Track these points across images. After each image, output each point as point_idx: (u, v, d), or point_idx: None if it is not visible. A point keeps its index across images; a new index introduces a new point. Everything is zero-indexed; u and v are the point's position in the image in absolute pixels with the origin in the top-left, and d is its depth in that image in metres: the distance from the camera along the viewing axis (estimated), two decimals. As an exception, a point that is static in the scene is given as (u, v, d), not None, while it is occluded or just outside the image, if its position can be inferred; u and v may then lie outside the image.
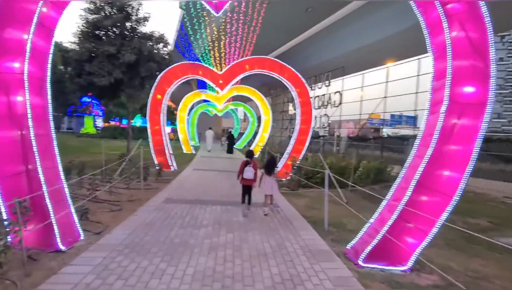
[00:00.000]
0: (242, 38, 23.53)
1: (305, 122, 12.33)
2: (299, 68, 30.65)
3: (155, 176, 9.97)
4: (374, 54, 25.99)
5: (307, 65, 31.96)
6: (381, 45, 23.99)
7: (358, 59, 26.96)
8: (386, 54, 25.21)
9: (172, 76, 12.11)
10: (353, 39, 24.71)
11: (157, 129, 12.14)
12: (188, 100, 21.01)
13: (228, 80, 12.37)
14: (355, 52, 26.36)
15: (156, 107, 12.06)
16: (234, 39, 23.65)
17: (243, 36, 23.08)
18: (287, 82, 12.37)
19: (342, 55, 27.45)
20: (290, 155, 12.22)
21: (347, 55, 26.96)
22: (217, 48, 23.01)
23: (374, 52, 25.49)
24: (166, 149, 12.13)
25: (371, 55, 26.02)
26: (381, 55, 25.37)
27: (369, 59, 26.46)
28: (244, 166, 6.35)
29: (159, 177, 10.04)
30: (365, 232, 4.57)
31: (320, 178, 10.50)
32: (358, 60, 27.13)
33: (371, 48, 25.37)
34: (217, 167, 14.23)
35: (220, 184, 9.69)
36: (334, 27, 24.39)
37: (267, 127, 21.51)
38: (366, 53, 26.24)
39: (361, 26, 22.38)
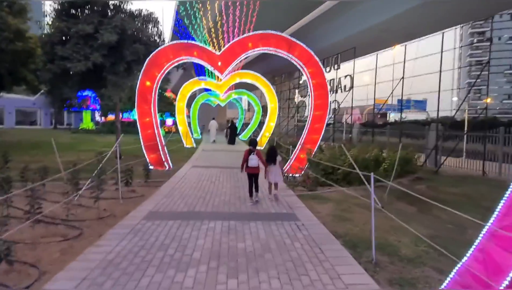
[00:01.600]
0: (241, 20, 21.60)
1: (320, 108, 10.50)
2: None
3: (143, 178, 8.28)
4: (384, 34, 24.54)
5: (314, 48, 29.83)
6: (391, 24, 22.57)
7: (369, 40, 25.02)
8: (398, 34, 23.74)
9: (163, 58, 10.31)
10: (363, 18, 23.05)
11: (147, 121, 10.41)
12: (187, 89, 19.21)
13: (228, 62, 10.53)
14: (366, 33, 24.46)
15: (145, 96, 10.30)
16: (233, 21, 21.80)
17: (241, 17, 21.17)
18: (297, 61, 10.50)
19: (351, 36, 25.37)
20: (303, 146, 10.46)
21: (357, 36, 24.96)
22: (214, 32, 21.07)
23: (384, 31, 24.05)
24: (159, 144, 10.42)
25: (382, 35, 24.50)
26: (392, 35, 23.92)
27: (380, 39, 24.81)
28: (248, 155, 6.40)
29: (149, 179, 8.33)
30: (458, 272, 2.79)
31: (342, 174, 8.74)
32: (369, 41, 25.17)
33: (381, 28, 23.92)
34: (219, 162, 12.51)
35: (222, 186, 7.97)
36: (341, 6, 22.63)
37: (274, 116, 19.70)
38: (378, 32, 24.62)
39: (370, 5, 20.99)
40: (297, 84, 35.96)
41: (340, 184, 8.81)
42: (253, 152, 6.43)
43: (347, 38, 24.26)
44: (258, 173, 6.44)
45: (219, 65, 10.58)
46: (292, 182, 8.86)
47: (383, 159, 10.16)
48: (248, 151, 6.47)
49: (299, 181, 9.01)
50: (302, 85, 34.25)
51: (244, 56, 10.76)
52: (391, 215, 4.97)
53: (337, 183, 8.78)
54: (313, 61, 10.45)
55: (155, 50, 10.38)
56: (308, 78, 10.58)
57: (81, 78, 10.51)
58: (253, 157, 6.37)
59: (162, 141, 10.81)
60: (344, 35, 24.70)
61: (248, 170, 6.45)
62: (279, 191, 6.83)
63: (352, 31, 23.70)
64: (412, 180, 11.10)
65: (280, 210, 5.91)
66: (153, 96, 10.39)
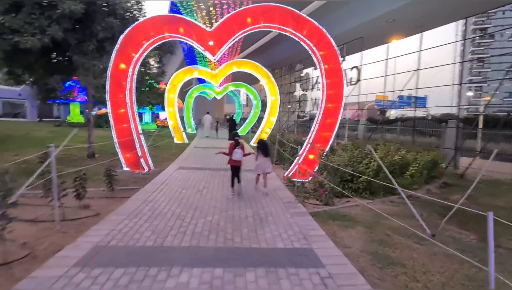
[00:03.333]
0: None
1: (333, 99, 8.61)
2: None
3: (112, 185, 6.35)
4: (391, 26, 23.07)
5: None
6: (398, 15, 21.13)
7: (374, 31, 23.29)
8: (405, 25, 22.30)
9: (141, 35, 8.36)
10: (368, 9, 21.46)
11: (122, 113, 8.48)
12: (178, 79, 17.21)
13: (221, 41, 8.60)
14: (371, 24, 22.72)
15: (119, 82, 8.36)
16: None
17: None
18: (306, 41, 8.58)
19: (355, 28, 23.45)
20: (312, 146, 8.60)
21: (361, 27, 23.14)
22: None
23: (391, 23, 22.61)
24: (136, 141, 8.50)
25: (388, 27, 23.01)
26: (399, 26, 22.52)
27: (386, 31, 23.23)
28: (234, 148, 6.52)
29: (114, 187, 6.41)
30: None
31: (363, 182, 6.88)
32: (375, 32, 23.43)
33: (388, 18, 22.39)
34: (211, 162, 10.62)
35: (211, 197, 6.09)
36: None
37: (275, 110, 17.78)
38: (383, 24, 23.04)
39: None
40: (298, 77, 34.10)
41: (361, 194, 6.98)
42: (238, 145, 6.58)
43: (351, 30, 22.27)
44: (240, 166, 6.68)
45: (211, 45, 8.65)
46: (300, 191, 7.00)
47: (409, 163, 8.31)
48: (234, 145, 6.59)
49: (310, 190, 7.16)
50: (304, 78, 32.43)
51: (242, 34, 8.81)
52: (454, 252, 3.14)
53: (356, 193, 6.97)
54: (326, 41, 8.53)
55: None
56: (319, 62, 8.68)
57: (43, 60, 8.56)
58: (237, 151, 6.53)
59: (140, 137, 8.89)
60: (347, 26, 22.71)
61: (232, 163, 6.60)
62: (268, 180, 7.09)
63: (357, 22, 21.82)
64: (440, 187, 9.28)
65: (290, 242, 4.04)
66: (129, 81, 8.45)
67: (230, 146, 6.64)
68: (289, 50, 33.05)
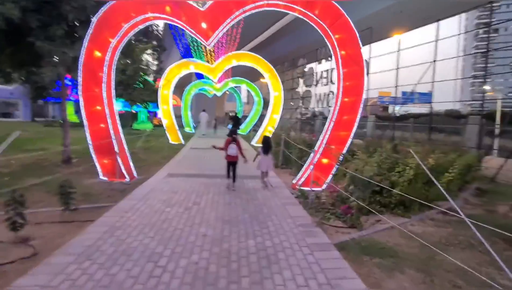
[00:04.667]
0: None
1: (351, 92, 7.14)
2: (312, 37, 25.16)
3: (78, 202, 4.90)
4: (399, 17, 21.96)
5: (318, 35, 26.73)
6: (406, 5, 20.06)
7: (381, 23, 21.95)
8: (413, 17, 21.22)
9: (120, 17, 6.90)
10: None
11: (98, 111, 7.04)
12: (173, 73, 15.73)
13: (216, 23, 7.14)
14: (378, 16, 21.42)
15: (94, 73, 6.91)
16: None
17: None
18: (319, 21, 7.11)
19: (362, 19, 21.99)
20: (325, 148, 7.16)
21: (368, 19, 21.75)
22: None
23: (399, 14, 21.53)
24: (115, 145, 7.06)
25: (396, 18, 21.90)
26: (407, 18, 21.51)
27: (394, 23, 22.02)
28: (229, 143, 6.68)
29: (85, 202, 4.97)
30: None
31: (395, 196, 5.42)
32: (382, 24, 22.08)
33: (395, 10, 21.27)
34: (208, 167, 9.17)
35: (201, 219, 4.63)
36: None
37: (278, 106, 16.29)
38: (391, 15, 21.83)
39: None
40: (301, 73, 32.57)
41: (393, 210, 5.54)
42: (234, 141, 6.70)
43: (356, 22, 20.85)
44: (236, 161, 6.78)
45: (204, 28, 7.18)
46: (316, 206, 5.55)
47: (445, 168, 6.85)
48: (230, 140, 6.73)
49: (327, 204, 5.71)
50: (307, 73, 30.90)
51: (241, 15, 7.34)
52: None
53: (386, 207, 5.53)
54: (342, 21, 7.05)
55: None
56: (334, 47, 7.20)
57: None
58: (232, 146, 6.66)
59: (121, 139, 7.45)
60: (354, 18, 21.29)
61: (228, 158, 6.76)
62: (269, 178, 7.26)
63: (363, 13, 20.36)
64: (477, 195, 7.80)
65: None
66: (105, 72, 6.99)
67: (226, 141, 6.77)
68: (291, 44, 31.57)
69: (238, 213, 5.02)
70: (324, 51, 25.16)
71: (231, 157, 6.71)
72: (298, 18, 23.64)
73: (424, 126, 19.14)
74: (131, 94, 18.05)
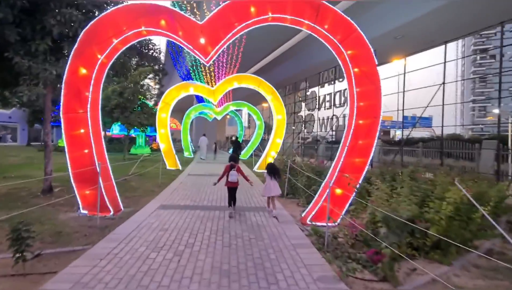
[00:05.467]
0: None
1: (367, 113, 6.35)
2: (314, 61, 24.80)
3: (14, 256, 3.92)
4: (400, 42, 21.95)
5: (321, 58, 26.63)
6: (408, 30, 20.04)
7: (382, 48, 21.78)
8: (415, 41, 21.18)
9: (109, 30, 6.23)
10: (375, 25, 20.28)
11: (81, 135, 6.21)
12: (171, 96, 15.08)
13: (216, 38, 6.46)
14: (378, 41, 21.24)
15: (79, 92, 6.14)
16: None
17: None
18: (329, 36, 6.43)
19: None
20: (339, 176, 6.28)
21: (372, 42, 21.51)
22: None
23: (400, 38, 21.54)
24: (98, 173, 6.16)
25: (397, 43, 21.89)
26: (408, 42, 21.54)
27: (394, 47, 21.96)
28: (229, 170, 6.57)
29: (53, 246, 4.00)
30: None
31: (430, 237, 4.46)
32: (383, 49, 21.91)
33: (396, 34, 21.25)
34: (205, 196, 8.22)
35: (192, 272, 3.63)
36: (356, 8, 19.79)
37: (281, 130, 15.51)
38: (392, 40, 21.81)
39: (386, 8, 18.59)
40: (303, 96, 32.14)
41: (428, 254, 4.57)
42: (234, 167, 6.61)
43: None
44: (236, 187, 6.69)
45: (202, 43, 6.49)
46: (332, 248, 4.59)
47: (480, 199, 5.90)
48: (229, 166, 6.61)
49: (344, 245, 4.75)
50: (309, 97, 30.46)
51: (243, 30, 6.68)
52: None
53: (419, 250, 4.56)
54: (356, 36, 6.37)
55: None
56: (346, 64, 6.47)
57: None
58: (233, 172, 6.56)
59: (107, 166, 6.57)
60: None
61: (229, 185, 6.64)
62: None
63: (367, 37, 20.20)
64: None
65: None
66: (91, 92, 6.22)
67: (225, 168, 6.66)
68: (293, 69, 31.36)
69: (239, 260, 4.05)
70: (327, 75, 24.79)
71: (232, 183, 6.58)
72: (299, 42, 23.35)
73: (431, 151, 18.35)
74: (128, 117, 17.35)
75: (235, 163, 6.69)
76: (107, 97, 17.88)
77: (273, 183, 6.79)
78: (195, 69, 25.01)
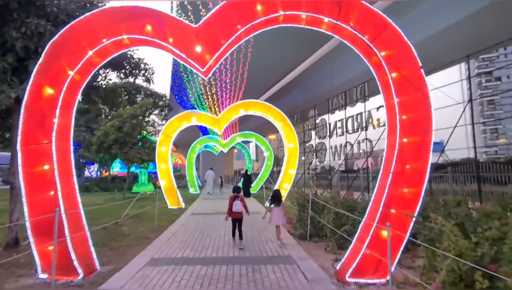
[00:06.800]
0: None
1: (415, 128, 4.84)
2: (319, 89, 23.47)
3: None
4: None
5: (330, 85, 25.66)
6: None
7: None
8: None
9: (83, 39, 5.00)
10: None
11: (44, 172, 4.77)
12: (172, 127, 13.82)
13: (214, 43, 5.18)
14: None
15: (42, 118, 4.81)
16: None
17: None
18: (356, 34, 5.10)
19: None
20: (384, 212, 4.69)
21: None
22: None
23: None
24: (65, 223, 4.64)
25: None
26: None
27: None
28: (233, 200, 6.63)
29: None
30: None
31: None
32: None
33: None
34: (211, 244, 6.56)
35: None
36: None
37: (294, 160, 13.99)
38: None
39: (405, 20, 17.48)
40: (313, 125, 30.90)
41: None
42: (238, 198, 6.67)
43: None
44: (241, 218, 6.71)
45: (198, 51, 5.20)
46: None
47: None
48: (233, 197, 6.68)
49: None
50: (319, 125, 29.16)
51: (248, 36, 5.42)
52: None
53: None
54: (391, 32, 5.03)
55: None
56: (382, 68, 5.06)
57: None
58: (237, 202, 6.61)
59: (79, 214, 5.06)
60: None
61: (233, 215, 6.66)
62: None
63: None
64: None
65: None
66: (58, 116, 4.87)
67: (230, 199, 6.69)
68: (301, 97, 30.39)
69: None
70: (336, 101, 23.62)
71: (236, 213, 6.64)
72: (306, 70, 21.93)
73: (463, 176, 16.60)
74: (127, 153, 16.05)
75: (238, 193, 6.75)
76: (106, 133, 16.76)
77: (280, 211, 6.76)
78: (197, 98, 24.24)
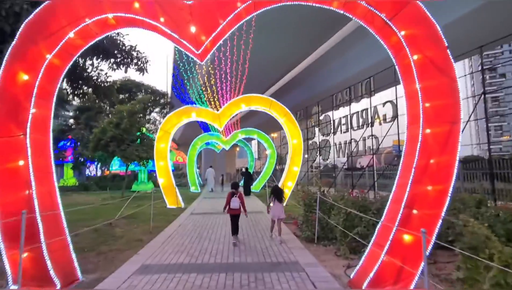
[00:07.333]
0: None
1: (439, 116, 4.21)
2: (322, 85, 22.74)
3: None
4: None
5: (333, 81, 24.99)
6: None
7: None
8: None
9: (62, 18, 4.42)
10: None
11: (17, 168, 4.19)
12: (170, 123, 13.22)
13: (212, 23, 4.58)
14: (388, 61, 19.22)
15: (16, 107, 4.24)
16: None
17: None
18: (373, 11, 4.48)
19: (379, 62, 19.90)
20: (406, 214, 4.08)
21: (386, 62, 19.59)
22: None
23: None
24: (40, 228, 4.07)
25: None
26: None
27: None
28: (231, 197, 6.65)
29: None
30: None
31: None
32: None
33: None
34: (209, 247, 5.98)
35: None
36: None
37: (298, 157, 13.37)
38: None
39: None
40: (317, 121, 30.24)
41: None
42: (235, 194, 6.68)
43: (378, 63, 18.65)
44: (239, 214, 6.73)
45: (193, 32, 4.59)
46: None
47: None
48: (231, 193, 6.69)
49: None
50: (323, 122, 28.50)
51: (250, 15, 4.81)
52: None
53: None
54: (412, 8, 4.41)
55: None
56: (402, 49, 4.44)
57: None
58: (235, 199, 6.64)
59: (59, 216, 4.48)
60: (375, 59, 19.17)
61: (230, 212, 6.70)
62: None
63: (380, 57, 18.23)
64: None
65: None
66: (33, 105, 4.29)
67: (227, 196, 6.72)
68: (303, 94, 29.73)
69: None
70: (341, 96, 22.94)
71: (234, 210, 6.67)
72: (309, 67, 21.16)
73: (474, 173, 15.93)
74: (125, 150, 15.50)
75: (236, 190, 6.75)
76: (103, 130, 16.24)
77: (278, 206, 6.81)
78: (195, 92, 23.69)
